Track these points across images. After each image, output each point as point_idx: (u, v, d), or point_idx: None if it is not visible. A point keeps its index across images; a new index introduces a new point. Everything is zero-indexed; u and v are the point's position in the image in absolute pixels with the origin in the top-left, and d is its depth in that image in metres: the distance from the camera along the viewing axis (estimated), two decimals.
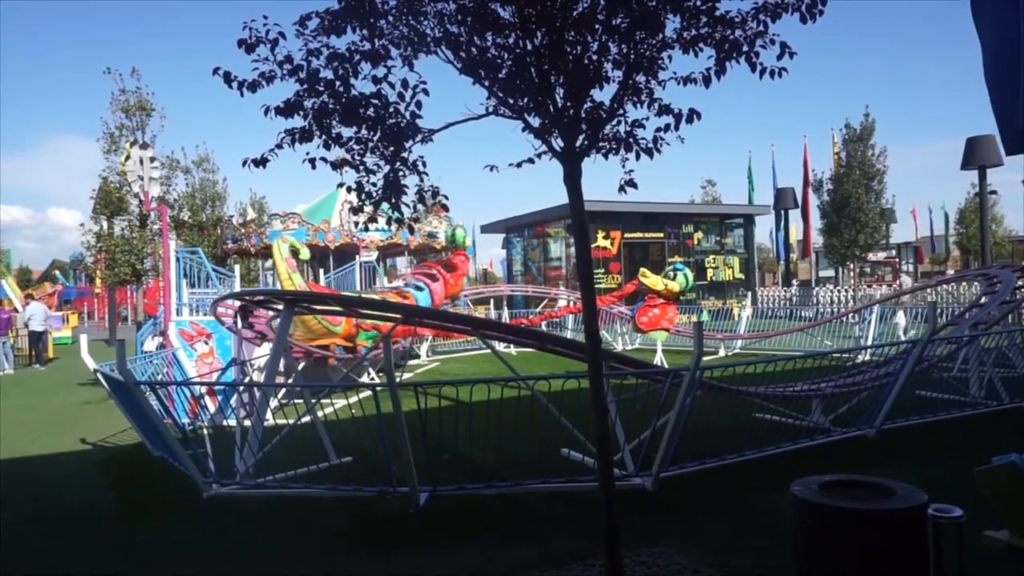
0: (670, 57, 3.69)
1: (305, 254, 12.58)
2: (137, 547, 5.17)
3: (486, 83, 3.54)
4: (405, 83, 3.40)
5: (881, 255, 37.46)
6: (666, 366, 12.14)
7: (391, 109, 3.43)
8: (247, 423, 6.66)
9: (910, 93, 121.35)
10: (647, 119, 3.77)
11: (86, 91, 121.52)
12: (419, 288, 14.00)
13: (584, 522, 5.25)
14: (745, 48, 3.47)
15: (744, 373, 6.28)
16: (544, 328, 15.73)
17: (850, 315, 17.11)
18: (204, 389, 9.16)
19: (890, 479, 3.24)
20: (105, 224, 23.76)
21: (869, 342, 14.20)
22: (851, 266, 27.66)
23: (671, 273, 14.09)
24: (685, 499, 5.76)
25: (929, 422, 7.69)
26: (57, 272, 51.66)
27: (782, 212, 32.53)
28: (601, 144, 3.73)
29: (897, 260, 39.12)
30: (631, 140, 3.72)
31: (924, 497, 2.90)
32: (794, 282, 26.54)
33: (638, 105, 3.76)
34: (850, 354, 12.28)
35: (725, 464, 6.14)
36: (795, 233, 37.87)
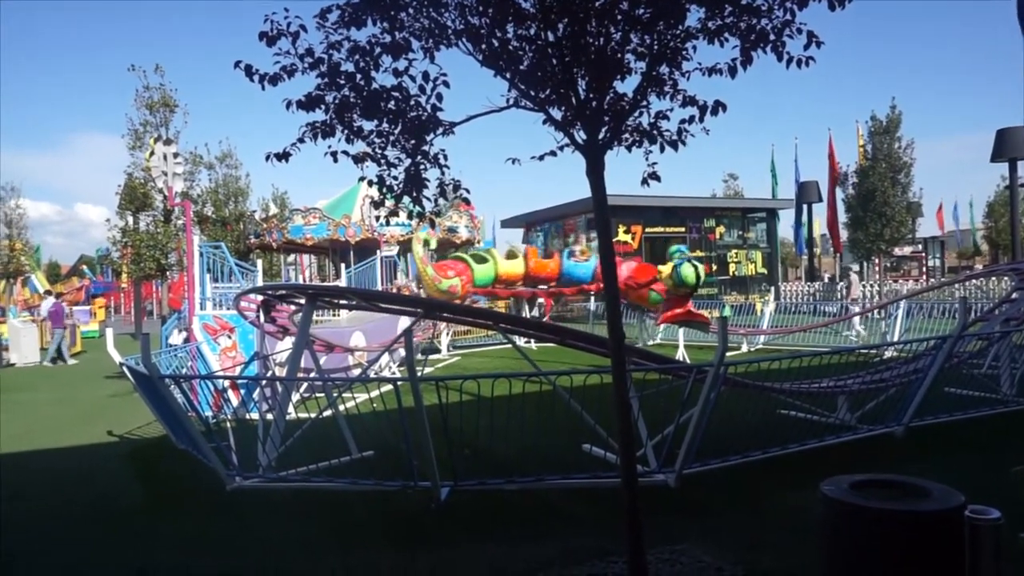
0: (694, 47, 3.62)
1: (433, 244, 13.55)
2: (161, 539, 5.22)
3: (507, 75, 3.51)
4: (426, 75, 3.37)
5: (907, 249, 36.88)
6: (688, 361, 12.04)
7: (412, 102, 3.41)
8: (269, 417, 6.70)
9: (938, 86, 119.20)
10: (671, 111, 3.71)
11: (111, 88, 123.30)
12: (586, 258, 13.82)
13: (606, 519, 5.21)
14: (772, 37, 3.40)
15: (769, 369, 6.19)
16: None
17: (875, 311, 16.84)
18: (227, 383, 9.24)
19: (919, 478, 3.16)
20: (130, 219, 24.11)
21: (895, 338, 13.96)
22: (876, 261, 27.26)
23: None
24: (708, 496, 5.69)
25: (959, 420, 7.53)
26: (84, 267, 52.51)
27: (805, 206, 32.14)
28: (624, 136, 3.68)
29: (923, 255, 38.43)
30: (655, 132, 3.66)
31: (961, 498, 2.81)
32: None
33: (662, 96, 3.71)
34: (877, 350, 12.09)
35: (749, 461, 6.06)
36: (818, 227, 37.41)
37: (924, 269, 37.45)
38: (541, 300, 19.86)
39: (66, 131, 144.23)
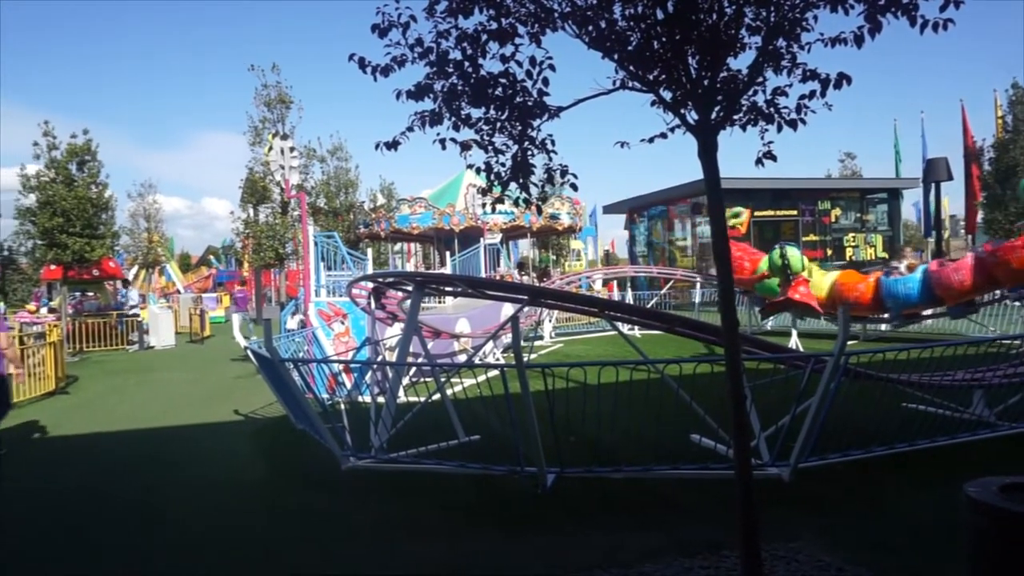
0: (815, 17, 3.40)
1: (742, 219, 12.81)
2: (282, 513, 5.54)
3: (615, 56, 3.42)
4: (533, 60, 3.34)
5: None
6: (801, 350, 11.48)
7: (519, 87, 3.39)
8: (381, 400, 6.94)
9: None
10: (789, 86, 3.51)
11: (232, 88, 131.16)
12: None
13: (716, 511, 5.07)
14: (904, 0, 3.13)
15: (895, 359, 5.79)
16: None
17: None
18: (341, 367, 9.67)
19: None
20: (251, 212, 25.62)
21: None
22: None
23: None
24: (826, 493, 5.42)
25: None
26: (212, 257, 56.30)
27: (932, 185, 29.81)
28: (738, 116, 3.51)
29: None
30: (772, 110, 3.48)
31: None
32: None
33: (779, 72, 3.51)
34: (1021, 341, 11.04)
35: (871, 457, 5.71)
36: (948, 207, 34.65)
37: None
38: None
39: (193, 131, 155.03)
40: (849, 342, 5.36)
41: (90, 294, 23.84)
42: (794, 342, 13.17)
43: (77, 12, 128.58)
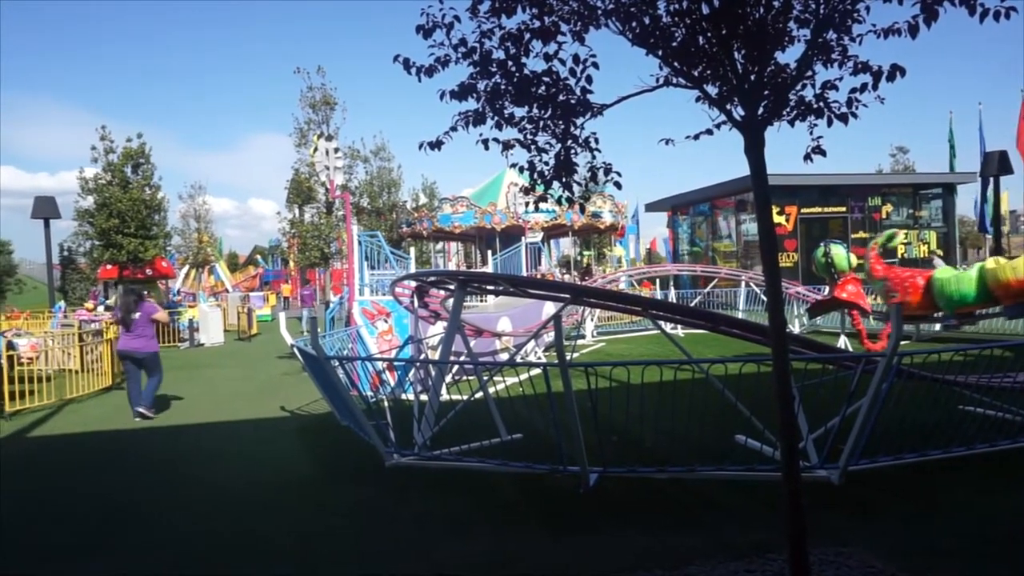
0: (867, 8, 3.31)
1: (896, 242, 11.53)
2: (326, 509, 5.62)
3: (659, 53, 3.39)
4: (576, 58, 3.34)
5: None
6: (850, 350, 11.20)
7: (562, 86, 3.39)
8: (424, 397, 6.99)
9: None
10: (840, 79, 3.43)
11: (278, 90, 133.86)
12: None
13: (762, 513, 4.98)
14: None
15: (951, 360, 5.60)
16: None
17: None
18: (385, 364, 9.78)
19: None
20: (297, 212, 26.12)
21: None
22: None
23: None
24: (877, 496, 5.28)
25: None
26: (258, 256, 57.57)
27: (991, 179, 28.71)
28: (786, 111, 3.44)
29: None
30: (822, 104, 3.40)
31: None
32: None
33: (829, 65, 3.43)
34: None
35: (925, 461, 5.53)
36: (1007, 203, 33.42)
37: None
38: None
39: (240, 133, 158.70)
40: (902, 342, 5.20)
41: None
42: (843, 342, 12.85)
43: (128, 18, 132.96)
